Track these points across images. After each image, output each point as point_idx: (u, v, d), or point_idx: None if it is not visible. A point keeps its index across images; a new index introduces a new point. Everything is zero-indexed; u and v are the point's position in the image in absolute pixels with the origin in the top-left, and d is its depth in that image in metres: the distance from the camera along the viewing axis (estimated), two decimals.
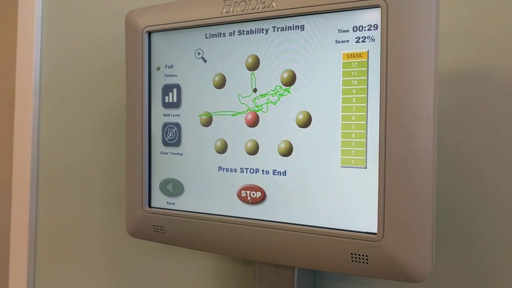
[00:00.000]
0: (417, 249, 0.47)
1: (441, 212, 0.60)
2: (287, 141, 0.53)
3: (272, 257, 0.54)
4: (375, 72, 0.48)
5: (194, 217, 0.59)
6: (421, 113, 0.46)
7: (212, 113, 0.58)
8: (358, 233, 0.49)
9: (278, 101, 0.54)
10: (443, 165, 0.60)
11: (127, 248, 0.85)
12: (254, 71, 0.55)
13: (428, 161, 0.46)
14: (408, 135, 0.46)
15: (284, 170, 0.54)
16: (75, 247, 0.91)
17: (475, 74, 0.58)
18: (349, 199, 0.50)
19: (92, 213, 0.89)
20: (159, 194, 0.63)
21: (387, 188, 0.47)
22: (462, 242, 0.59)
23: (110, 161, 0.87)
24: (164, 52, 0.62)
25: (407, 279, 0.47)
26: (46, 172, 0.95)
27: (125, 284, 0.86)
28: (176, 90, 0.61)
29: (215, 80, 0.58)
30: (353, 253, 0.49)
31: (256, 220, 0.55)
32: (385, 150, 0.47)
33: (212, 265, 0.77)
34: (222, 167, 0.58)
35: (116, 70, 0.86)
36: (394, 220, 0.47)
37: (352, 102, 0.49)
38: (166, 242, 0.62)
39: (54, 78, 0.94)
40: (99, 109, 0.88)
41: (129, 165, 0.65)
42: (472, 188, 0.58)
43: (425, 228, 0.46)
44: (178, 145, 0.61)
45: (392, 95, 0.47)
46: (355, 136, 0.49)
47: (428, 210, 0.46)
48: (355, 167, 0.49)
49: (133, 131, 0.64)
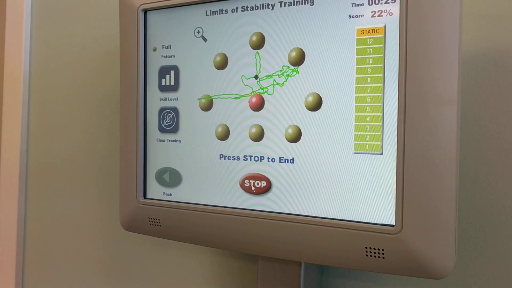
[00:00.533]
0: (439, 243, 0.42)
1: (460, 203, 0.56)
2: (295, 126, 0.49)
3: (278, 251, 0.50)
4: (392, 49, 0.44)
5: (193, 208, 0.55)
6: (445, 94, 0.42)
7: (212, 97, 0.54)
8: (374, 225, 0.45)
9: (285, 83, 0.49)
10: (462, 153, 0.56)
11: (121, 243, 0.81)
12: (259, 50, 0.51)
13: (451, 147, 0.42)
14: (430, 118, 0.42)
15: (292, 158, 0.49)
16: (65, 244, 0.87)
17: (497, 54, 0.54)
18: (363, 188, 0.46)
19: (84, 207, 0.85)
20: (155, 184, 0.59)
21: (406, 175, 0.43)
22: (484, 237, 0.55)
23: (103, 152, 0.82)
24: (161, 32, 0.57)
25: (428, 275, 0.43)
26: (36, 166, 0.90)
27: (119, 281, 0.82)
28: (174, 72, 0.57)
29: (216, 61, 0.54)
30: (368, 247, 0.45)
31: (261, 212, 0.51)
32: (404, 134, 0.43)
33: (212, 261, 0.73)
34: (223, 155, 0.54)
35: (110, 59, 0.82)
36: (414, 211, 0.43)
37: (367, 83, 0.45)
38: (162, 236, 0.58)
39: (44, 68, 0.89)
40: (92, 100, 0.83)
41: (123, 154, 0.60)
42: (497, 175, 0.54)
43: (448, 220, 0.42)
44: (176, 132, 0.57)
45: (412, 75, 0.43)
46: (371, 119, 0.45)
47: (451, 200, 0.42)
48: (370, 153, 0.45)
49: (127, 117, 0.60)
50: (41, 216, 0.89)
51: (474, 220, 0.55)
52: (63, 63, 0.87)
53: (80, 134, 0.85)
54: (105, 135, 0.82)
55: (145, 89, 0.59)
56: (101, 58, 0.82)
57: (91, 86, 0.83)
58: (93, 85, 0.83)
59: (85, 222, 0.84)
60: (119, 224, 0.80)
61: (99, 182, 0.83)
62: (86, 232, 0.84)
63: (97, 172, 0.83)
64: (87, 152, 0.84)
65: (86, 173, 0.84)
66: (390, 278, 0.60)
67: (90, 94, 0.84)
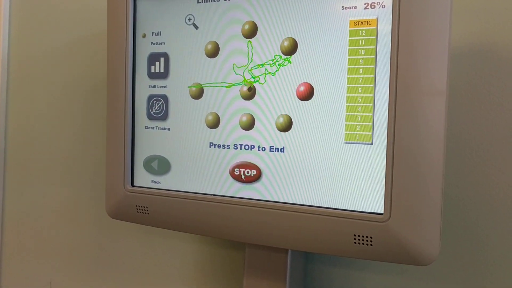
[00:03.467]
0: (425, 231, 0.44)
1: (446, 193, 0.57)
2: (286, 115, 0.49)
3: (268, 239, 0.51)
4: (384, 41, 0.45)
5: (182, 196, 0.55)
6: (434, 86, 0.43)
7: (203, 85, 0.54)
8: (363, 214, 0.46)
9: (277, 72, 0.50)
10: (449, 144, 0.57)
11: (107, 232, 0.80)
12: (251, 38, 0.51)
13: (439, 137, 0.43)
14: (420, 109, 0.43)
15: (282, 147, 0.50)
16: (47, 233, 0.85)
17: (485, 49, 0.55)
18: (353, 177, 0.47)
19: (67, 195, 0.83)
20: (143, 172, 0.58)
21: (395, 165, 0.44)
22: (467, 229, 0.57)
23: (88, 140, 0.81)
24: (151, 18, 0.57)
25: (414, 262, 0.45)
26: (15, 154, 0.88)
27: (105, 271, 0.81)
28: (164, 59, 0.56)
29: (207, 49, 0.53)
30: (357, 234, 0.46)
31: (251, 200, 0.51)
32: (394, 124, 0.44)
33: (199, 250, 0.73)
34: (213, 143, 0.54)
35: (96, 44, 0.80)
36: (402, 200, 0.44)
37: (359, 73, 0.46)
38: (150, 224, 0.58)
39: (25, 53, 0.87)
40: (76, 85, 0.82)
41: (110, 141, 0.60)
42: (479, 169, 0.56)
43: (434, 209, 0.44)
44: (165, 119, 0.57)
45: (403, 66, 0.43)
46: (362, 110, 0.46)
47: (437, 190, 0.43)
48: (361, 143, 0.46)
49: (115, 104, 0.59)
50: (20, 206, 0.88)
51: (458, 210, 0.57)
52: (44, 48, 0.85)
53: (63, 121, 0.83)
54: (90, 122, 0.81)
55: (133, 76, 0.58)
56: (87, 43, 0.81)
57: (75, 72, 0.82)
58: (77, 71, 0.82)
59: (68, 211, 0.83)
60: (104, 212, 0.79)
61: (82, 170, 0.82)
62: (69, 221, 0.83)
63: (81, 160, 0.82)
64: (70, 140, 0.83)
65: (69, 161, 0.83)
66: (375, 266, 0.61)
67: (74, 80, 0.82)
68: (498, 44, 0.54)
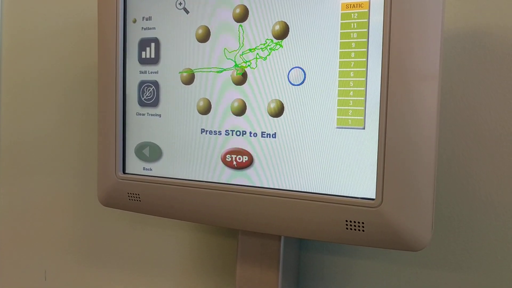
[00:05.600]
0: (417, 216, 0.43)
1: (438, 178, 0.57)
2: (277, 100, 0.49)
3: (260, 225, 0.50)
4: (376, 24, 0.44)
5: (173, 183, 0.54)
6: (427, 69, 0.42)
7: (194, 70, 0.53)
8: (355, 199, 0.45)
9: (268, 56, 0.49)
10: (441, 129, 0.57)
11: (100, 221, 0.80)
12: (242, 23, 0.50)
13: (432, 122, 0.42)
14: (412, 93, 0.42)
15: (274, 132, 0.49)
16: (40, 222, 0.85)
17: (478, 32, 0.55)
18: (345, 162, 0.46)
19: (59, 184, 0.83)
20: (135, 159, 0.58)
21: (387, 150, 0.44)
22: (459, 212, 0.56)
23: (79, 128, 0.80)
24: (141, 3, 0.56)
25: (406, 247, 0.44)
26: (7, 143, 0.87)
27: (99, 259, 0.81)
28: (154, 44, 0.56)
29: (198, 33, 0.53)
30: (349, 220, 0.45)
31: (243, 186, 0.51)
32: (386, 109, 0.43)
33: (192, 237, 0.73)
34: (205, 129, 0.53)
35: (87, 31, 0.79)
36: (394, 185, 0.43)
37: (351, 57, 0.45)
38: (142, 211, 0.57)
39: (16, 41, 0.86)
40: (67, 73, 0.81)
41: (101, 128, 0.59)
42: (472, 153, 0.55)
43: (426, 194, 0.43)
44: (156, 106, 0.56)
45: (395, 50, 0.43)
46: (353, 94, 0.45)
47: (430, 175, 0.43)
48: (353, 128, 0.45)
49: (106, 90, 0.58)
50: (13, 197, 0.87)
51: (450, 195, 0.56)
52: (36, 36, 0.84)
53: (54, 109, 0.83)
54: (81, 110, 0.80)
55: (124, 62, 0.58)
56: (77, 30, 0.80)
57: (66, 59, 0.81)
58: (68, 58, 0.81)
59: (61, 200, 0.83)
60: (96, 200, 0.79)
61: (74, 158, 0.81)
62: (62, 210, 0.83)
63: (73, 148, 0.81)
64: (62, 128, 0.82)
65: (61, 149, 0.82)
66: (368, 252, 0.61)
67: (65, 68, 0.81)
68: (491, 27, 0.54)
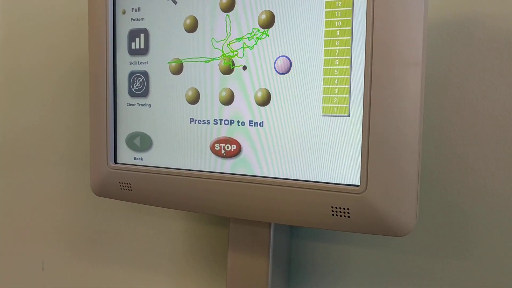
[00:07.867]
0: (401, 202, 0.44)
1: (423, 164, 0.58)
2: (264, 89, 0.49)
3: (248, 213, 0.51)
4: (360, 12, 0.44)
5: (164, 172, 0.55)
6: (410, 56, 0.43)
7: (182, 60, 0.54)
8: (340, 186, 0.46)
9: (255, 45, 0.49)
10: (426, 117, 0.57)
11: (96, 211, 0.81)
12: (229, 12, 0.50)
13: (416, 109, 0.43)
14: (395, 80, 0.43)
15: (261, 121, 0.50)
16: (33, 213, 0.86)
17: (464, 20, 0.55)
18: (330, 150, 0.47)
19: (52, 175, 0.84)
20: (126, 149, 0.59)
21: (371, 137, 0.44)
22: (445, 198, 0.57)
23: (71, 119, 0.81)
24: None
25: (390, 233, 0.45)
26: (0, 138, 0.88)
27: (95, 249, 0.82)
28: (144, 35, 0.56)
29: (186, 24, 0.53)
30: (334, 206, 0.46)
31: (231, 175, 0.51)
32: (370, 96, 0.44)
33: (183, 226, 0.73)
34: (194, 119, 0.54)
35: (78, 23, 0.80)
36: (378, 171, 0.44)
37: (336, 45, 0.46)
38: (133, 201, 0.58)
39: (6, 29, 0.86)
40: (59, 65, 0.81)
41: (93, 119, 0.60)
42: (459, 141, 0.56)
43: (411, 180, 0.44)
44: (146, 96, 0.57)
45: (379, 37, 0.43)
46: (339, 82, 0.46)
47: (414, 161, 0.44)
48: (338, 116, 0.46)
49: (97, 81, 0.59)
50: (10, 188, 0.88)
51: (435, 181, 0.57)
52: (27, 27, 0.84)
53: (46, 101, 0.83)
54: (73, 101, 0.81)
55: (114, 53, 0.58)
56: (68, 22, 0.80)
57: (57, 51, 0.81)
58: (59, 50, 0.81)
59: (55, 190, 0.84)
60: (89, 191, 0.80)
61: (67, 149, 0.82)
62: (59, 201, 0.84)
63: (66, 139, 0.82)
64: (54, 120, 0.83)
65: (54, 141, 0.83)
66: (357, 239, 0.62)
67: (56, 59, 0.82)
68: (477, 14, 0.54)
